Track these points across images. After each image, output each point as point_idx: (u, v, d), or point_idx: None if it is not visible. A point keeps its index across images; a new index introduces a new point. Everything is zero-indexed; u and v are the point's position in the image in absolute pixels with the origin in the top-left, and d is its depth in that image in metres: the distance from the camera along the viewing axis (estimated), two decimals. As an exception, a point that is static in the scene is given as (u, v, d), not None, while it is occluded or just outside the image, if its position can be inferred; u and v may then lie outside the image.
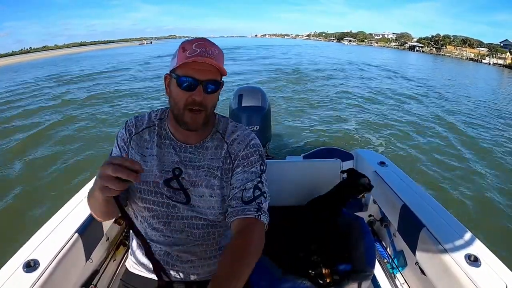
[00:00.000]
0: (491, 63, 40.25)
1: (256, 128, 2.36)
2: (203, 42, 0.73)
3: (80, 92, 10.11)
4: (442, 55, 54.35)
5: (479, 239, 1.01)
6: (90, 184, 1.30)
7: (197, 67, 0.71)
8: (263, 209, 0.74)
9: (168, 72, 0.78)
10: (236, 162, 0.80)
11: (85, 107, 7.83)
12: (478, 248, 0.95)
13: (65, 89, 10.76)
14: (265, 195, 0.77)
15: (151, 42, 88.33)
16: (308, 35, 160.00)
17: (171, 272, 0.82)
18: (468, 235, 1.02)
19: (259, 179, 0.78)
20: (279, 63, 18.15)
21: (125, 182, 0.58)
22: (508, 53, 42.47)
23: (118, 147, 0.83)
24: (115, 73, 15.19)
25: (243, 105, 2.49)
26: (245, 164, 0.80)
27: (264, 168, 0.82)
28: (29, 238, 0.95)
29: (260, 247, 0.67)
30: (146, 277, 0.86)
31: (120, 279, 0.92)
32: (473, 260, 0.89)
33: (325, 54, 32.52)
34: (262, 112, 2.49)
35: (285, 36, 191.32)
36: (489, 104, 10.05)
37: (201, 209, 0.79)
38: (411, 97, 10.01)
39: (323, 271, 1.16)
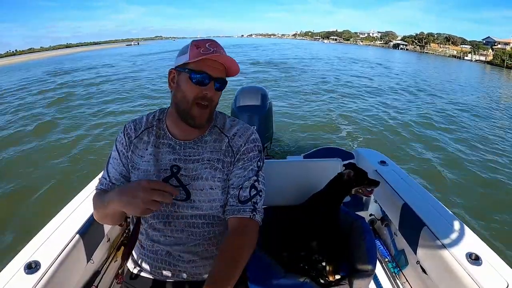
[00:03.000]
0: (473, 59, 40.88)
1: (254, 128, 2.37)
2: (214, 43, 0.77)
3: (78, 93, 10.11)
4: (426, 52, 55.15)
5: (480, 237, 1.00)
6: (91, 185, 1.31)
7: (212, 65, 0.75)
8: (258, 208, 0.78)
9: (174, 67, 0.79)
10: (237, 156, 0.82)
11: (84, 110, 7.82)
12: (479, 247, 0.95)
13: (63, 90, 10.77)
14: (260, 193, 0.80)
15: (138, 43, 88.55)
16: (294, 35, 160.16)
17: (173, 272, 0.82)
18: (469, 234, 1.02)
19: (256, 178, 0.81)
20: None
21: (159, 203, 0.65)
22: (490, 50, 42.85)
23: (118, 152, 0.84)
24: (113, 73, 15.25)
25: (243, 104, 2.49)
26: (245, 159, 0.82)
27: (262, 164, 0.84)
28: (30, 240, 0.95)
29: (253, 244, 0.73)
30: (148, 278, 0.86)
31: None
32: (474, 259, 0.89)
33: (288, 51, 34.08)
34: (262, 112, 2.49)
35: (271, 36, 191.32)
36: (486, 102, 10.06)
37: (202, 203, 0.79)
38: (409, 97, 10.01)
39: (327, 268, 1.16)
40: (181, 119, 0.80)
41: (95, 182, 1.31)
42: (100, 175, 0.89)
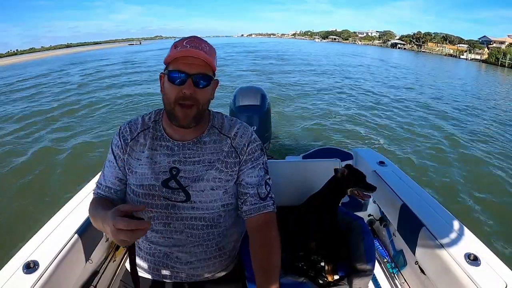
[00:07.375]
0: (469, 58, 41.73)
1: (254, 128, 2.37)
2: (193, 39, 0.75)
3: (79, 95, 10.09)
4: (423, 51, 56.08)
5: (478, 238, 1.01)
6: (90, 185, 1.30)
7: (187, 61, 0.73)
8: (273, 199, 0.85)
9: (163, 71, 0.79)
10: (243, 157, 0.82)
11: (85, 110, 7.81)
12: (478, 247, 0.96)
13: (64, 91, 10.74)
14: (271, 187, 0.86)
15: (140, 43, 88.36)
16: (293, 34, 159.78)
17: (171, 273, 0.83)
18: (467, 234, 1.02)
19: (267, 175, 0.84)
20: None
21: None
22: (486, 49, 43.54)
23: (113, 155, 0.84)
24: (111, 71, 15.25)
25: (242, 104, 2.49)
26: (252, 159, 0.83)
27: (266, 159, 0.87)
28: (28, 239, 0.95)
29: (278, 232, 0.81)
30: (146, 278, 0.86)
31: (120, 280, 0.92)
32: (473, 259, 0.89)
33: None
34: (261, 112, 2.49)
35: (271, 36, 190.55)
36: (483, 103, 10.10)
37: (202, 204, 0.79)
38: (408, 97, 10.04)
39: (326, 267, 1.15)
40: (170, 120, 0.79)
41: (94, 182, 1.30)
42: (99, 175, 0.88)
